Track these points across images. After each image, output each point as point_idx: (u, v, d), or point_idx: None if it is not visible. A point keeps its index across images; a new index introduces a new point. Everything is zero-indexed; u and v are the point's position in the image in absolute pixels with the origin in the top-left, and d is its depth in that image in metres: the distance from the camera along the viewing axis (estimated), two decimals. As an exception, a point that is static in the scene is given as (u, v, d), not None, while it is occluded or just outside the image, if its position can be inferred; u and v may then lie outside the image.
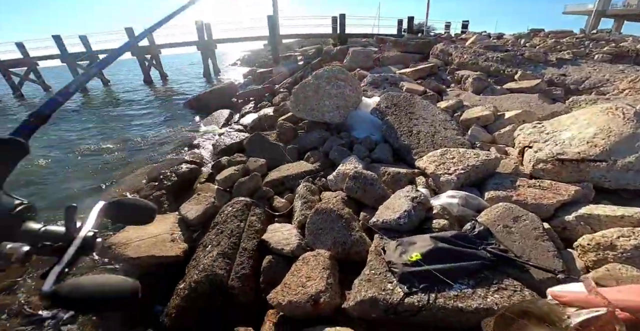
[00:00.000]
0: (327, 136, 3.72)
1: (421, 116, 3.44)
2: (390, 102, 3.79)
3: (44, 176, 4.95)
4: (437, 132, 3.15)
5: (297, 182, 2.77)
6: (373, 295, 1.58)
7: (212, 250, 2.02)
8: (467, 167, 2.42)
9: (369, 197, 2.34)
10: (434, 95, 4.55)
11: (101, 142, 5.99)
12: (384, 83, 5.38)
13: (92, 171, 4.70)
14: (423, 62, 6.76)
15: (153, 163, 4.62)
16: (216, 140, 4.45)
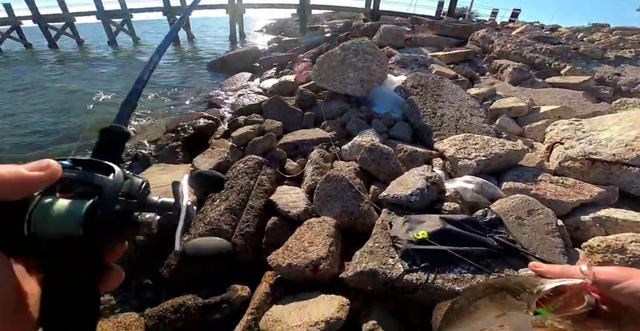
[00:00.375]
0: (347, 108, 3.58)
1: (448, 100, 3.22)
2: (417, 82, 3.56)
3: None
4: (462, 117, 2.95)
5: (311, 148, 2.68)
6: (374, 268, 1.54)
7: (220, 205, 1.99)
8: (489, 155, 2.26)
9: (382, 171, 2.23)
10: (465, 81, 4.25)
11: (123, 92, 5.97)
12: (412, 64, 5.06)
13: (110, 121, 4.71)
14: (459, 47, 6.28)
15: (172, 116, 4.60)
16: (235, 100, 4.37)
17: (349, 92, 3.95)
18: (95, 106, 5.45)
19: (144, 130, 4.23)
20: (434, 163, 2.37)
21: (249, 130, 2.93)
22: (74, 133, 4.25)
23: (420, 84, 3.49)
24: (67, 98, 5.90)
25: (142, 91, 0.49)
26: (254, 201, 2.03)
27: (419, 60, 5.01)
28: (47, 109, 5.24)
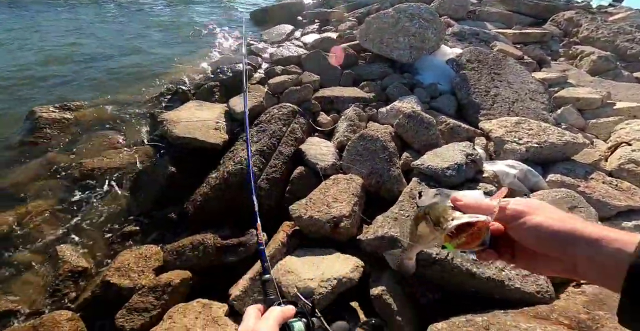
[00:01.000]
0: (389, 72, 3.26)
1: (507, 80, 2.80)
2: (474, 57, 3.11)
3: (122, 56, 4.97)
4: (519, 100, 2.57)
5: (347, 105, 2.47)
6: (395, 235, 1.42)
7: (252, 146, 1.89)
8: (543, 143, 1.97)
9: (418, 140, 2.02)
10: (532, 64, 3.69)
11: (167, 34, 5.81)
12: (471, 38, 4.44)
13: (158, 59, 4.64)
14: (535, 27, 5.39)
15: (212, 58, 4.44)
16: (274, 51, 4.10)
17: (394, 56, 3.55)
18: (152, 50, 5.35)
19: (184, 69, 4.13)
20: (476, 141, 2.11)
21: (287, 79, 2.74)
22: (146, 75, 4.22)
23: (478, 60, 3.05)
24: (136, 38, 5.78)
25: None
26: (284, 147, 1.91)
27: (480, 35, 4.38)
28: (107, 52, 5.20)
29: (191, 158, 2.22)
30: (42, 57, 4.56)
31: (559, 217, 0.35)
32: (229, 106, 2.55)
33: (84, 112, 3.21)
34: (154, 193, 2.06)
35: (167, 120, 2.36)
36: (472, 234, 0.35)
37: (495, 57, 3.12)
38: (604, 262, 0.32)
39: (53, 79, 3.94)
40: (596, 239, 0.33)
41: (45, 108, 3.11)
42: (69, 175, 2.46)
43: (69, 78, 3.96)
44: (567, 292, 1.32)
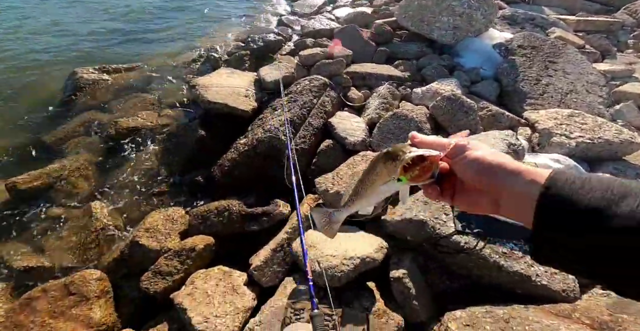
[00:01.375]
0: (427, 52, 3.00)
1: (563, 69, 2.49)
2: (528, 43, 2.78)
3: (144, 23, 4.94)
4: (574, 91, 2.28)
5: (379, 83, 2.32)
6: (424, 219, 1.33)
7: (281, 115, 1.81)
8: (596, 139, 1.75)
9: (455, 124, 1.86)
10: (595, 54, 3.28)
11: (200, 3, 5.68)
12: (524, 23, 3.99)
13: (193, 25, 4.59)
14: (602, 15, 4.75)
15: (243, 27, 4.31)
16: (305, 23, 3.91)
17: (434, 36, 3.25)
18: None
19: (217, 37, 4.07)
20: (519, 131, 1.91)
21: (319, 51, 2.59)
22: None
23: (532, 46, 2.73)
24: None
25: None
26: (314, 119, 1.82)
27: (536, 20, 3.92)
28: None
29: (220, 123, 2.20)
30: (82, 20, 4.63)
31: (493, 152, 0.37)
32: (259, 75, 2.46)
33: (121, 75, 3.29)
34: (183, 155, 2.06)
35: (199, 85, 2.33)
36: (424, 167, 0.37)
37: (554, 44, 2.77)
38: (521, 193, 0.33)
39: (92, 42, 4.04)
40: (517, 171, 0.34)
41: (86, 70, 3.22)
42: (105, 133, 2.52)
43: (108, 43, 4.05)
44: (590, 293, 1.26)
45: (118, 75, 3.29)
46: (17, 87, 3.16)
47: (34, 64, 3.53)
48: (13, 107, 2.91)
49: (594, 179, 0.31)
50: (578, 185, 0.30)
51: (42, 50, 3.80)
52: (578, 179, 0.31)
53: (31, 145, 2.50)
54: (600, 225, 0.28)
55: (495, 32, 3.43)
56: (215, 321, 1.29)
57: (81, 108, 2.84)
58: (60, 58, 3.69)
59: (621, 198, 0.28)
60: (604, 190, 0.29)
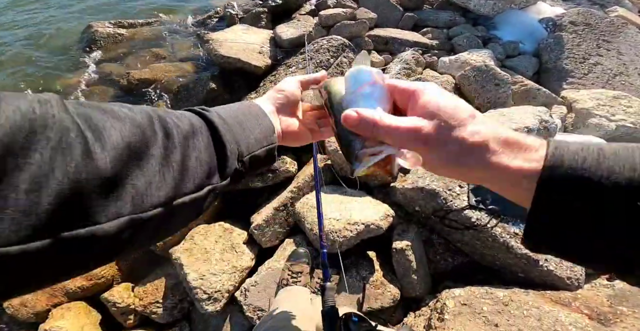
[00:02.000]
0: (460, 22, 2.73)
1: (617, 49, 2.21)
2: (582, 19, 2.47)
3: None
4: (624, 73, 2.03)
5: (403, 48, 2.13)
6: (437, 189, 1.23)
7: (296, 72, 1.68)
8: (639, 124, 1.55)
9: (483, 96, 1.69)
10: None
11: None
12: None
13: None
14: None
15: None
16: None
17: (471, 6, 2.93)
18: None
19: None
20: (553, 109, 1.73)
21: (341, 12, 2.37)
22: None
23: (586, 23, 2.43)
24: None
25: None
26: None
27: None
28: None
29: (233, 77, 2.11)
30: None
31: (443, 94, 0.30)
32: (275, 32, 2.30)
33: (136, 30, 3.23)
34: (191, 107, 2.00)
35: (213, 39, 2.21)
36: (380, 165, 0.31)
37: (612, 22, 2.45)
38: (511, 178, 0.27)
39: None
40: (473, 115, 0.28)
41: (101, 24, 3.16)
42: (117, 83, 2.51)
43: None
44: (593, 283, 1.23)
45: (133, 29, 3.26)
46: (33, 39, 3.16)
47: (50, 19, 3.50)
48: (29, 58, 2.91)
49: (608, 151, 0.23)
50: (589, 160, 0.23)
51: (57, 6, 3.76)
52: (589, 152, 0.23)
53: (47, 90, 2.53)
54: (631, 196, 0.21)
55: (545, 6, 3.08)
56: (211, 278, 1.28)
57: (95, 60, 2.83)
58: (76, 13, 3.64)
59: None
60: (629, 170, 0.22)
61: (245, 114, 0.36)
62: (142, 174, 0.22)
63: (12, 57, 2.89)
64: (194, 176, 0.27)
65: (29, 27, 3.36)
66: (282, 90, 0.41)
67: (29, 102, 0.18)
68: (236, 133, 0.33)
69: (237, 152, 0.32)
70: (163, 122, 0.26)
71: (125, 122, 0.23)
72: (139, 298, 1.40)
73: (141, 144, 0.23)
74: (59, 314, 1.37)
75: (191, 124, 0.29)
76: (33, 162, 0.17)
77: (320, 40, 1.92)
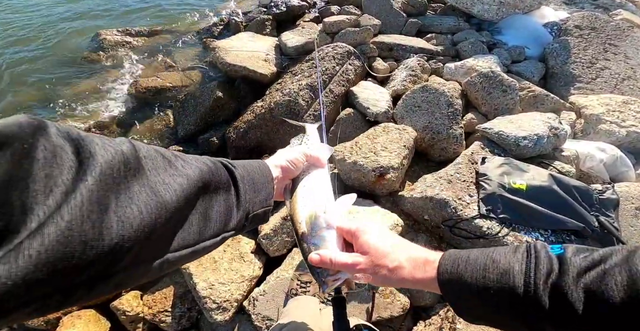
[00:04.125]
0: (464, 27, 2.71)
1: (624, 53, 2.19)
2: (587, 23, 2.45)
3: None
4: (632, 78, 2.01)
5: (408, 55, 2.13)
6: (446, 198, 1.21)
7: (301, 80, 1.68)
8: (652, 128, 1.52)
9: (489, 103, 1.67)
10: None
11: None
12: (584, 3, 3.54)
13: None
14: None
15: None
16: None
17: (475, 12, 2.92)
18: None
19: (238, 1, 3.89)
20: (562, 115, 1.70)
21: (345, 19, 2.37)
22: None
23: (591, 27, 2.41)
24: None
25: None
26: (335, 86, 1.68)
27: (600, 1, 3.47)
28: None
29: (239, 86, 2.12)
30: None
31: (379, 236, 0.45)
32: (280, 40, 2.30)
33: (143, 38, 3.28)
34: (199, 115, 2.01)
35: (219, 47, 2.23)
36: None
37: (618, 26, 2.43)
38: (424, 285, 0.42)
39: (115, 8, 3.99)
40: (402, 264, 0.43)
41: (110, 32, 3.20)
42: (125, 91, 2.52)
43: (129, 9, 3.99)
44: None
45: (140, 37, 3.30)
46: (43, 48, 3.21)
47: (58, 27, 3.56)
48: (39, 64, 2.96)
49: (472, 258, 0.38)
50: (462, 266, 0.38)
51: (66, 16, 3.82)
52: (462, 260, 0.39)
53: (55, 96, 2.58)
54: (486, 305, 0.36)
55: (548, 10, 3.07)
56: (220, 288, 1.27)
57: (103, 67, 2.86)
58: (84, 21, 3.71)
59: (502, 275, 0.36)
60: (482, 271, 0.36)
61: (260, 176, 0.43)
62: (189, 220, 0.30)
63: (23, 67, 2.93)
64: (214, 225, 0.34)
65: (38, 37, 3.40)
66: (295, 163, 0.51)
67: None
68: (250, 195, 0.40)
69: (247, 210, 0.40)
70: (214, 177, 0.35)
71: (187, 178, 0.30)
72: (148, 306, 1.40)
73: (196, 196, 0.31)
74: (70, 322, 1.37)
75: (227, 180, 0.38)
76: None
77: (326, 48, 1.92)
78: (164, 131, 2.19)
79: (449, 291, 0.38)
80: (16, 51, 3.20)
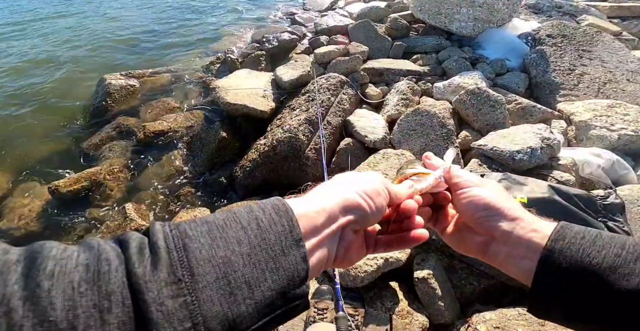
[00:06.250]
0: (446, 45, 2.86)
1: (600, 58, 2.28)
2: (557, 31, 2.58)
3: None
4: (613, 81, 2.08)
5: (397, 78, 2.23)
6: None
7: (300, 115, 1.77)
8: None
9: (481, 119, 1.74)
10: (633, 41, 3.01)
11: (209, 5, 5.77)
12: (551, 11, 3.74)
13: (209, 28, 4.67)
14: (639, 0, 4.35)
15: (257, 29, 4.33)
16: (318, 20, 3.84)
17: (453, 29, 3.09)
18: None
19: (232, 39, 4.14)
20: (552, 124, 1.76)
21: (334, 49, 2.53)
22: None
23: (562, 35, 2.53)
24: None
25: None
26: (332, 117, 1.76)
27: (564, 8, 3.65)
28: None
29: (241, 123, 2.21)
30: (99, 31, 4.81)
31: (498, 193, 0.35)
32: (275, 75, 2.44)
33: (146, 80, 3.40)
34: (207, 156, 2.09)
35: (218, 87, 2.35)
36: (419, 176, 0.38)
37: (587, 32, 2.56)
38: (519, 240, 0.31)
39: (114, 50, 4.20)
40: (515, 218, 0.33)
41: (114, 76, 3.31)
42: (134, 137, 2.61)
43: (129, 50, 4.21)
44: None
45: (143, 80, 3.40)
46: (51, 97, 3.34)
47: (62, 75, 3.72)
48: (51, 115, 3.07)
49: (606, 235, 0.29)
50: (589, 240, 0.28)
51: (69, 61, 3.99)
52: (588, 234, 0.29)
53: (70, 150, 2.64)
54: (614, 285, 0.26)
55: (519, 21, 3.23)
56: None
57: (112, 114, 2.96)
58: (87, 67, 3.87)
59: (638, 259, 0.26)
60: (619, 248, 0.27)
61: (252, 251, 0.21)
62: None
63: (31, 120, 3.00)
64: None
65: (45, 85, 3.52)
66: (358, 208, 0.28)
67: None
68: (214, 301, 0.19)
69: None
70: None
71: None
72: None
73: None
74: None
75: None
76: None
77: (319, 80, 2.03)
78: (175, 173, 2.26)
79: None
80: (22, 105, 3.20)
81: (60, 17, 5.58)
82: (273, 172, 1.66)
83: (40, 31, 5.01)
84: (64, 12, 5.80)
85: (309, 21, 4.17)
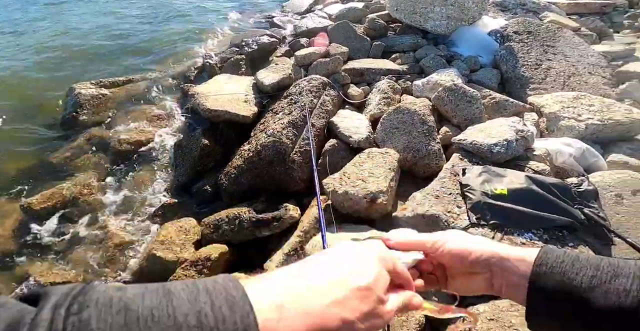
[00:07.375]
0: (423, 43, 2.94)
1: (562, 52, 2.42)
2: (523, 28, 2.72)
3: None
4: (576, 74, 2.21)
5: (378, 77, 2.26)
6: (437, 213, 1.27)
7: (283, 118, 1.75)
8: (606, 120, 1.68)
9: (459, 115, 1.79)
10: (591, 36, 3.20)
11: (186, 9, 5.62)
12: (516, 9, 3.93)
13: (185, 33, 4.52)
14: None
15: (235, 32, 4.25)
16: (297, 22, 3.84)
17: (428, 27, 3.19)
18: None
19: (211, 43, 4.04)
20: (525, 117, 1.84)
21: (314, 50, 2.53)
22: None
23: (527, 31, 2.67)
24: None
25: None
26: (316, 120, 1.76)
27: (527, 6, 3.85)
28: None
29: (223, 130, 2.16)
30: (69, 39, 4.55)
31: (464, 240, 0.40)
32: (256, 79, 2.40)
33: (119, 88, 3.22)
34: (189, 165, 2.02)
35: (198, 93, 2.28)
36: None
37: (549, 28, 2.71)
38: (511, 273, 0.34)
39: (84, 58, 3.97)
40: (497, 252, 0.36)
41: (84, 85, 3.12)
42: (111, 149, 2.47)
43: (100, 57, 3.98)
44: None
45: (116, 89, 3.22)
46: (19, 108, 3.13)
47: (30, 83, 3.49)
48: (19, 129, 2.87)
49: (583, 258, 0.32)
50: (568, 263, 0.31)
51: (38, 69, 3.74)
52: (567, 257, 0.32)
53: (41, 165, 2.47)
54: (594, 303, 0.29)
55: (489, 19, 3.37)
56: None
57: (84, 125, 2.79)
58: (56, 75, 3.63)
59: (613, 277, 0.29)
60: (594, 269, 0.30)
61: None
62: None
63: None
64: None
65: (10, 95, 3.29)
66: (370, 289, 0.25)
67: None
68: None
69: None
70: None
71: None
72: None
73: None
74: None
75: None
76: None
77: (301, 82, 2.02)
78: (157, 184, 2.17)
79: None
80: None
81: (27, 26, 5.24)
82: (259, 178, 1.64)
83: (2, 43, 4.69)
84: (29, 21, 5.45)
85: (288, 23, 4.16)
